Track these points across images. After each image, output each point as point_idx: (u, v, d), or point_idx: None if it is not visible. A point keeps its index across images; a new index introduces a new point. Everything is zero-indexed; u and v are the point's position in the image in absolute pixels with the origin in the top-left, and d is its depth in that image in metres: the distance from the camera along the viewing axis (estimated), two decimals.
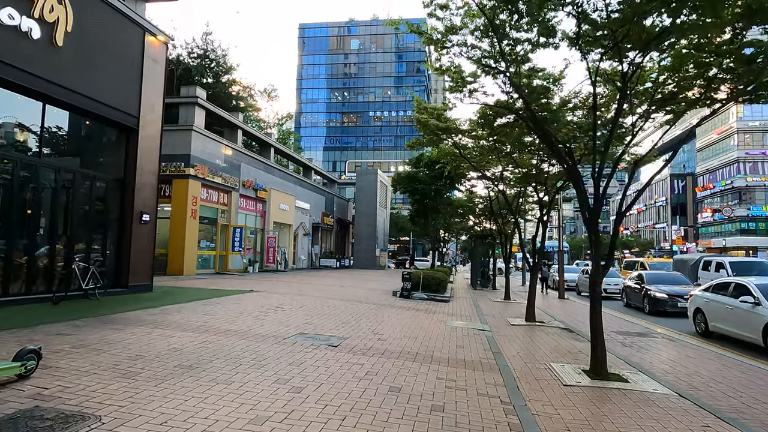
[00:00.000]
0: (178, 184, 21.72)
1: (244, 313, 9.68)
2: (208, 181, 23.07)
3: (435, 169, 22.35)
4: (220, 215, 24.99)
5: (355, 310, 11.66)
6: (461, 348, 8.08)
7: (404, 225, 60.23)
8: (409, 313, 12.08)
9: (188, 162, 21.63)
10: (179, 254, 21.32)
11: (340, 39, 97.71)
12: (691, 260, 20.79)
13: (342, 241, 49.07)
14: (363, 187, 43.26)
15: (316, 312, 10.81)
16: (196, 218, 22.13)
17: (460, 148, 12.82)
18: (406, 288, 16.47)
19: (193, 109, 22.39)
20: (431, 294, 16.66)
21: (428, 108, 12.49)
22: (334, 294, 15.73)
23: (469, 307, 15.25)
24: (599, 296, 6.98)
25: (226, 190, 25.16)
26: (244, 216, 27.46)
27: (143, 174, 12.22)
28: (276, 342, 7.13)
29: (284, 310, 10.59)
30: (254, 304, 11.29)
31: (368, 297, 15.57)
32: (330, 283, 21.08)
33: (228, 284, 17.13)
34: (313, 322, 9.38)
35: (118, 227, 11.80)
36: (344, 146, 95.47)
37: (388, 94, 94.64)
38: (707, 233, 76.20)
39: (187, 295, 12.39)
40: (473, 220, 36.22)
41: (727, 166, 69.91)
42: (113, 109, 11.28)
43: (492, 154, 12.26)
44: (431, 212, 23.99)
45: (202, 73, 28.56)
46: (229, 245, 25.27)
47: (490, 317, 13.03)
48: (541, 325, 11.87)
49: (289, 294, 14.45)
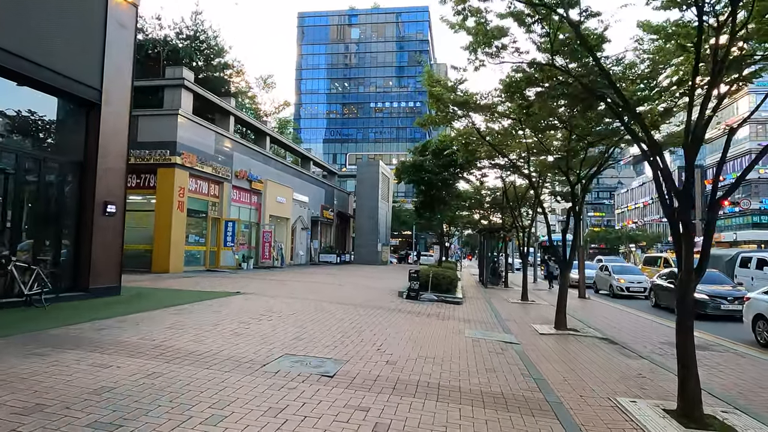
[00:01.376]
0: (163, 174, 19.92)
1: (220, 325, 7.90)
2: (197, 170, 21.26)
3: (443, 156, 20.52)
4: (210, 208, 23.20)
5: (356, 318, 9.88)
6: (492, 372, 6.31)
7: (406, 219, 58.47)
8: (419, 321, 10.31)
9: (174, 150, 19.81)
10: (165, 250, 19.56)
11: (340, 28, 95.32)
12: (725, 256, 18.98)
13: (342, 236, 47.29)
14: (364, 179, 41.38)
15: (310, 320, 9.03)
16: (183, 211, 20.35)
17: (478, 128, 10.98)
18: (413, 288, 14.70)
19: (180, 92, 20.54)
20: (441, 295, 14.89)
21: (441, 80, 10.66)
22: (333, 295, 13.97)
23: (484, 310, 13.48)
24: (691, 311, 5.17)
25: (218, 180, 23.35)
26: (237, 209, 25.66)
27: (108, 157, 10.40)
28: (252, 371, 5.35)
29: (271, 320, 8.81)
30: (237, 311, 9.52)
31: (371, 299, 13.81)
32: (329, 282, 19.31)
33: (216, 284, 15.38)
34: (305, 335, 7.60)
35: (76, 219, 10.01)
36: (345, 138, 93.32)
37: (389, 85, 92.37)
38: (717, 227, 74.23)
39: (161, 299, 10.62)
40: (480, 213, 34.44)
41: (738, 158, 67.92)
42: (69, 80, 9.46)
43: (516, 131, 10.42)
44: (439, 204, 22.18)
45: (192, 56, 26.60)
46: (220, 240, 23.49)
47: (512, 323, 11.27)
48: (575, 334, 10.09)
49: (280, 296, 12.67)
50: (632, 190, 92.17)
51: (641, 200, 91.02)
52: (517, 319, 12.13)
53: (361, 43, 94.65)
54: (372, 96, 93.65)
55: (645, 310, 16.13)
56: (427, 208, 23.08)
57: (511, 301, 16.36)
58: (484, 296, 17.77)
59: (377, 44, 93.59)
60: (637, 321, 12.94)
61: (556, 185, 20.92)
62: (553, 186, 20.51)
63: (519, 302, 16.28)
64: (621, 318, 13.49)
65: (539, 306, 15.50)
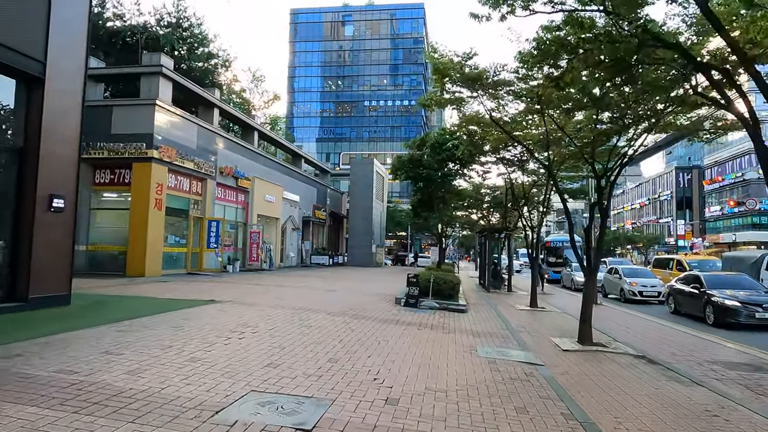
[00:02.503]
0: (138, 169, 18.28)
1: (175, 347, 6.33)
2: (177, 166, 19.64)
3: (442, 151, 19.00)
4: (192, 206, 21.56)
5: (347, 333, 8.34)
6: (524, 413, 4.80)
7: (401, 219, 57.00)
8: (422, 335, 8.78)
9: (151, 142, 18.18)
10: (140, 252, 17.93)
11: (333, 25, 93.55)
12: (749, 258, 17.59)
13: (335, 237, 45.70)
14: (358, 178, 39.79)
15: (291, 338, 7.48)
16: (161, 209, 18.71)
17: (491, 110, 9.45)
18: (412, 294, 13.17)
19: (157, 80, 18.92)
20: (443, 301, 13.37)
21: (446, 55, 9.14)
22: (322, 303, 12.41)
23: (492, 319, 11.97)
24: None
25: (200, 177, 21.73)
26: (222, 208, 24.04)
27: (54, 142, 8.80)
28: (195, 426, 3.79)
29: (243, 338, 7.25)
30: (203, 327, 7.95)
31: (365, 307, 12.26)
32: (319, 286, 17.74)
33: (193, 290, 13.79)
34: (282, 360, 6.06)
35: (12, 215, 8.39)
36: (338, 137, 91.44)
37: (383, 83, 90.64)
38: (715, 228, 73.32)
39: (118, 310, 9.03)
40: (478, 214, 33.02)
41: (737, 158, 66.97)
42: (2, 47, 7.85)
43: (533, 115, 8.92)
44: (437, 202, 20.67)
45: (173, 44, 24.85)
46: (203, 241, 21.87)
47: (527, 335, 9.77)
48: (603, 350, 8.60)
49: (261, 305, 11.09)
50: (628, 192, 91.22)
51: (637, 201, 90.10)
52: (531, 330, 10.63)
53: (355, 41, 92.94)
54: (366, 94, 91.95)
55: (665, 317, 14.72)
56: (424, 207, 21.57)
57: (519, 308, 14.88)
58: (489, 302, 16.28)
59: (371, 42, 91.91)
60: (664, 331, 11.47)
61: (565, 182, 19.53)
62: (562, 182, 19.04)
63: (528, 309, 14.80)
64: (644, 328, 12.03)
65: (551, 314, 14.02)
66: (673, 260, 21.97)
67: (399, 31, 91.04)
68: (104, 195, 19.75)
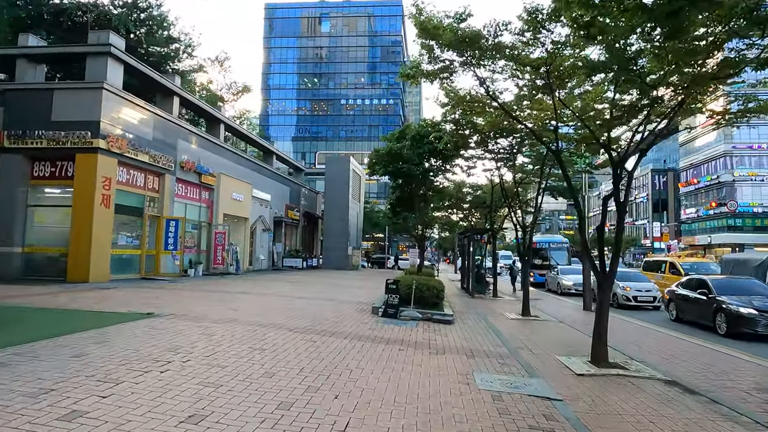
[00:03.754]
0: (82, 161, 16.16)
1: (55, 392, 4.48)
2: (129, 158, 17.55)
3: (424, 144, 17.38)
4: (148, 204, 19.45)
5: (310, 359, 6.59)
6: None
7: (378, 220, 55.34)
8: (405, 359, 7.09)
9: (97, 131, 16.08)
10: (83, 254, 15.81)
11: (310, 21, 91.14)
12: (754, 261, 16.42)
13: (310, 238, 43.69)
14: (333, 176, 37.89)
15: (232, 370, 5.70)
16: (109, 206, 16.60)
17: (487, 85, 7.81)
18: (391, 303, 11.48)
19: (105, 61, 16.82)
20: (427, 311, 11.72)
21: (435, 17, 7.48)
22: (287, 315, 10.62)
23: (485, 332, 10.38)
24: None
25: (157, 172, 19.63)
26: (182, 206, 21.96)
27: None
28: None
29: (167, 371, 5.43)
30: (116, 354, 6.09)
31: (337, 319, 10.53)
32: (287, 293, 15.91)
33: (135, 299, 11.83)
34: (210, 409, 4.28)
35: None
36: (314, 136, 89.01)
37: (361, 81, 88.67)
38: (690, 230, 73.81)
39: (20, 328, 7.08)
40: (459, 214, 31.58)
41: (712, 161, 67.45)
42: None
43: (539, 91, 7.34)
44: (418, 200, 19.04)
45: (128, 25, 22.49)
46: (160, 242, 19.77)
47: (529, 354, 8.20)
48: (625, 374, 7.06)
49: (210, 318, 9.24)
50: (604, 193, 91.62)
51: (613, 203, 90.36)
52: (532, 345, 9.07)
53: (333, 38, 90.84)
54: (343, 93, 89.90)
55: (668, 325, 13.42)
56: (404, 206, 19.91)
57: (511, 317, 13.33)
58: (475, 310, 14.72)
59: (349, 39, 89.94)
60: (679, 345, 10.04)
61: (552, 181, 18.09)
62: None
63: (520, 318, 13.27)
64: (654, 341, 10.59)
65: (547, 324, 12.52)
66: (666, 263, 20.80)
67: (377, 29, 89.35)
68: (44, 190, 17.52)
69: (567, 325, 12.54)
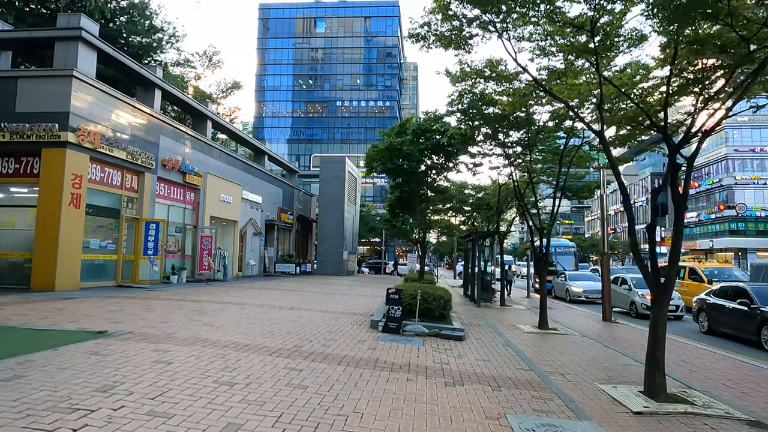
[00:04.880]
0: (49, 156, 14.59)
1: None
2: (104, 154, 15.97)
3: (427, 139, 15.87)
4: (125, 205, 17.85)
5: (293, 401, 5.05)
6: None
7: (375, 224, 53.83)
8: (415, 391, 5.56)
9: (66, 124, 14.52)
10: (49, 259, 14.21)
11: (306, 22, 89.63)
12: None
13: (304, 243, 42.08)
14: (328, 178, 36.28)
15: (184, 420, 4.15)
16: (80, 207, 15.02)
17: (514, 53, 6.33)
18: (394, 316, 9.95)
19: (76, 47, 15.28)
20: (433, 324, 10.20)
21: None
22: (270, 331, 9.07)
23: (503, 351, 8.87)
24: None
25: (136, 170, 18.05)
26: (165, 207, 20.36)
27: None
28: None
29: (84, 427, 3.88)
30: (24, 397, 4.53)
31: (330, 336, 8.98)
32: (275, 303, 14.34)
33: (96, 312, 10.24)
34: None
35: None
36: (309, 139, 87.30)
37: (357, 83, 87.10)
38: (691, 234, 72.63)
39: None
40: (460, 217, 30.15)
41: (713, 164, 66.37)
42: None
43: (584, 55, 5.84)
44: (419, 201, 17.51)
45: (105, 12, 20.77)
46: (139, 246, 18.18)
47: (563, 381, 6.70)
48: (695, 413, 5.56)
49: (174, 338, 7.66)
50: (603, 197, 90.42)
51: (612, 207, 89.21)
52: (563, 368, 7.56)
53: (328, 38, 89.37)
54: (338, 94, 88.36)
55: (702, 338, 12.02)
56: (404, 207, 18.36)
57: (526, 330, 11.83)
58: (485, 321, 13.21)
59: (344, 40, 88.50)
60: (735, 367, 8.55)
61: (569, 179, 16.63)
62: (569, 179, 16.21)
63: (538, 331, 11.77)
64: (701, 359, 9.09)
65: (569, 338, 11.02)
66: (685, 268, 19.35)
67: (373, 30, 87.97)
68: (9, 189, 15.94)
69: (592, 339, 11.05)
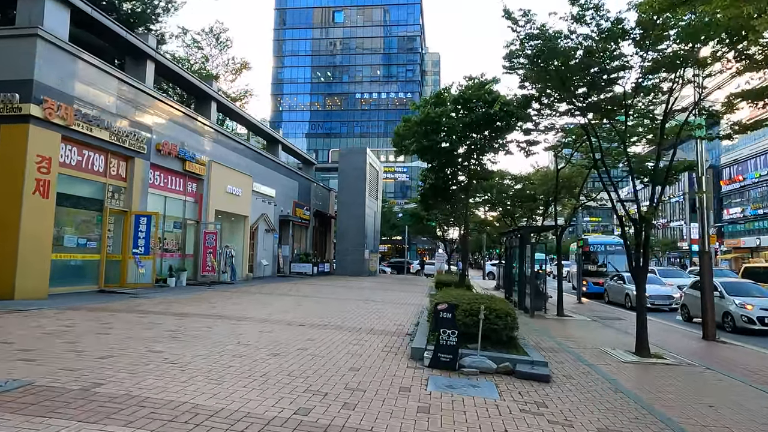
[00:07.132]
0: (7, 132, 11.89)
1: None
2: (79, 133, 13.24)
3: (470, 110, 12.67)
4: (110, 195, 15.12)
5: None
6: None
7: (397, 221, 50.84)
8: None
9: (29, 94, 11.79)
10: (8, 261, 11.51)
11: (324, 11, 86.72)
12: None
13: (322, 241, 39.21)
14: (348, 170, 33.26)
15: None
16: (48, 196, 12.28)
17: None
18: (446, 344, 6.86)
19: (42, 2, 12.54)
20: (501, 356, 7.08)
21: None
22: (266, 371, 6.04)
23: (621, 405, 5.71)
24: None
25: (123, 154, 15.30)
26: (160, 199, 17.61)
27: None
28: None
29: None
30: None
31: (355, 378, 5.92)
32: (284, 315, 11.35)
33: (28, 335, 7.40)
34: None
35: None
36: (328, 132, 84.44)
37: (377, 74, 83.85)
38: (735, 231, 67.72)
39: None
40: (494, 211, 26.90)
41: (761, 155, 61.45)
42: None
43: None
44: (458, 190, 14.31)
45: None
46: (128, 244, 15.44)
47: None
48: None
49: (104, 396, 4.69)
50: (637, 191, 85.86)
51: (645, 203, 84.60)
52: None
53: (347, 28, 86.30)
54: (358, 87, 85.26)
55: None
56: (439, 197, 15.13)
57: (624, 359, 8.60)
58: (555, 341, 10.05)
59: (364, 29, 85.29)
60: None
61: None
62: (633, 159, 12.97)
63: (640, 360, 8.55)
64: None
65: (697, 374, 7.77)
66: None
67: (393, 19, 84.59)
68: None
69: (723, 374, 7.78)
